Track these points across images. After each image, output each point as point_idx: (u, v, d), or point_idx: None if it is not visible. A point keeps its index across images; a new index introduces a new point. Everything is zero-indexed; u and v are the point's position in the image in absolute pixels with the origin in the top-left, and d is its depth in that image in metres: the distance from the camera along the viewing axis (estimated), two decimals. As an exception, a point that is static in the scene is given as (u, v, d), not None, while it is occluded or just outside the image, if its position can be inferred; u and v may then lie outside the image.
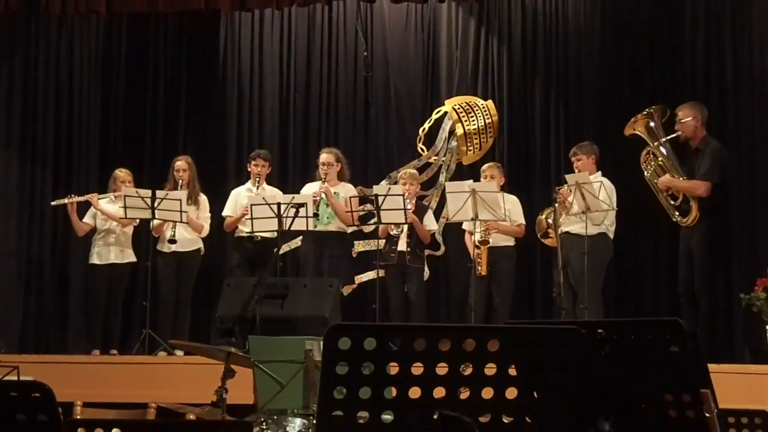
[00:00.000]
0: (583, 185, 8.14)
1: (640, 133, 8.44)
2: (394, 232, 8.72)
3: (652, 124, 8.39)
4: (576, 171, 8.56)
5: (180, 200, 8.60)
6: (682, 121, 8.24)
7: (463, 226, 8.91)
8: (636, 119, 8.45)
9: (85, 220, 9.17)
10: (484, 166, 9.03)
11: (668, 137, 8.29)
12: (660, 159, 8.30)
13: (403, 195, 8.37)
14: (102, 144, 10.43)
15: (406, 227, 8.67)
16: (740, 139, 9.21)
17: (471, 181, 8.75)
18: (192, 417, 5.14)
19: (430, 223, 8.95)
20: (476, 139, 10.00)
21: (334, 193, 8.83)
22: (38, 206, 10.11)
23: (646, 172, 8.37)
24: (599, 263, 8.38)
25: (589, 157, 8.63)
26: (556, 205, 8.35)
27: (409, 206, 8.59)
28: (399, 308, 8.83)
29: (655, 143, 8.31)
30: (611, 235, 8.53)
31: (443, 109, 10.11)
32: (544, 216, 8.80)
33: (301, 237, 9.36)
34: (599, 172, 8.56)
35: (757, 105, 9.18)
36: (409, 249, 8.73)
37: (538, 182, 9.72)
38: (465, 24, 10.20)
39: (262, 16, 10.52)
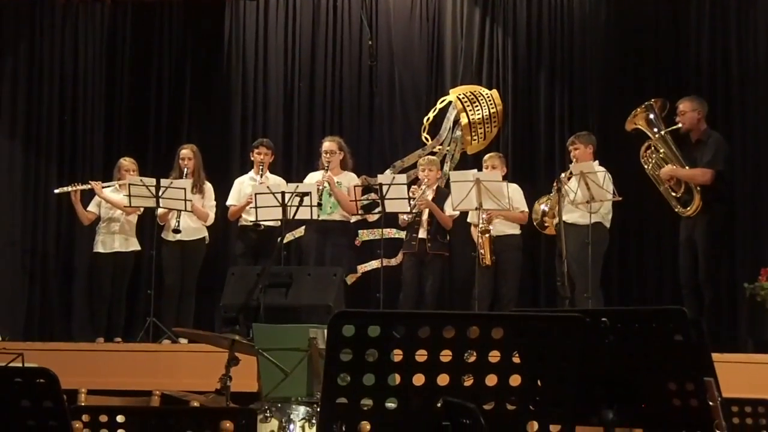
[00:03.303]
0: (587, 174, 8.13)
1: (640, 127, 8.43)
2: (405, 217, 8.69)
3: (651, 116, 8.37)
4: (573, 160, 8.55)
5: (184, 189, 8.60)
6: (683, 113, 8.24)
7: (469, 219, 8.89)
8: (636, 113, 8.44)
9: (89, 208, 9.18)
10: (486, 157, 9.01)
11: (669, 128, 8.28)
12: (662, 151, 8.28)
13: (407, 184, 8.38)
14: (107, 133, 10.44)
15: (426, 214, 8.65)
16: (745, 130, 9.21)
17: (475, 170, 8.73)
18: (196, 404, 5.15)
19: (450, 209, 8.88)
20: (481, 128, 9.99)
21: (337, 182, 8.82)
22: (43, 195, 10.13)
23: (646, 166, 8.36)
24: (597, 253, 8.37)
25: (587, 147, 8.61)
26: (553, 193, 8.36)
27: (429, 193, 8.60)
28: (409, 297, 8.77)
29: (656, 135, 8.31)
30: (607, 225, 8.53)
31: (448, 98, 10.10)
32: (540, 204, 8.80)
33: (304, 226, 9.36)
34: (596, 162, 8.54)
35: (761, 96, 9.17)
36: (429, 236, 8.70)
37: (543, 172, 9.70)
38: (470, 13, 10.17)
39: (267, 4, 10.51)
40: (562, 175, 8.48)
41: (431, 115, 10.11)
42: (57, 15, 10.41)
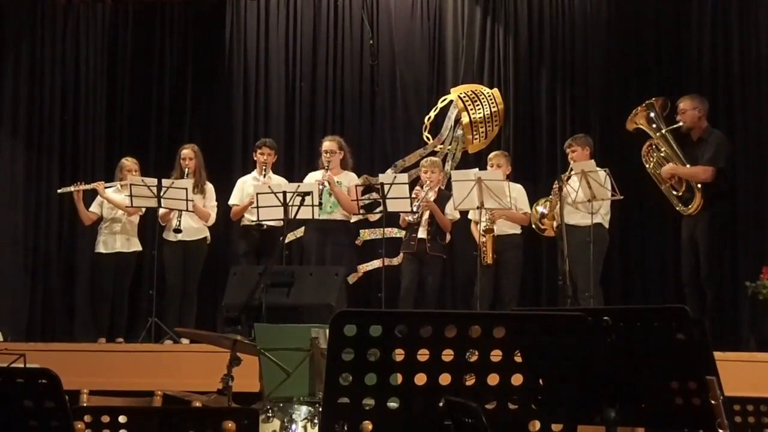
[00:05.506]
0: (588, 174, 8.13)
1: (641, 126, 8.43)
2: (409, 218, 8.69)
3: (652, 114, 8.38)
4: (571, 162, 8.55)
5: (186, 189, 8.60)
6: (683, 111, 8.24)
7: (469, 216, 8.89)
8: (636, 112, 8.44)
9: (91, 209, 9.18)
10: (491, 155, 8.99)
11: (670, 127, 8.28)
12: (663, 150, 8.28)
13: (409, 184, 8.38)
14: (108, 133, 10.45)
15: (426, 215, 8.65)
16: (747, 128, 9.21)
17: (477, 169, 8.72)
18: (198, 404, 5.15)
19: (451, 211, 8.85)
20: (482, 127, 9.99)
21: (337, 181, 8.82)
22: (45, 195, 10.14)
23: (647, 165, 8.36)
24: (598, 253, 8.38)
25: (584, 149, 8.62)
26: (552, 194, 8.36)
27: (431, 194, 8.60)
28: (409, 293, 8.74)
29: (658, 134, 8.31)
30: (606, 225, 8.54)
31: (449, 97, 10.10)
32: (537, 206, 8.79)
33: (304, 226, 9.36)
34: (593, 163, 8.53)
35: (763, 94, 9.17)
36: (429, 237, 8.69)
37: (544, 171, 9.69)
38: (471, 13, 10.18)
39: (268, 4, 10.52)
40: (563, 175, 8.48)
41: (432, 114, 10.11)
42: (58, 15, 10.42)
